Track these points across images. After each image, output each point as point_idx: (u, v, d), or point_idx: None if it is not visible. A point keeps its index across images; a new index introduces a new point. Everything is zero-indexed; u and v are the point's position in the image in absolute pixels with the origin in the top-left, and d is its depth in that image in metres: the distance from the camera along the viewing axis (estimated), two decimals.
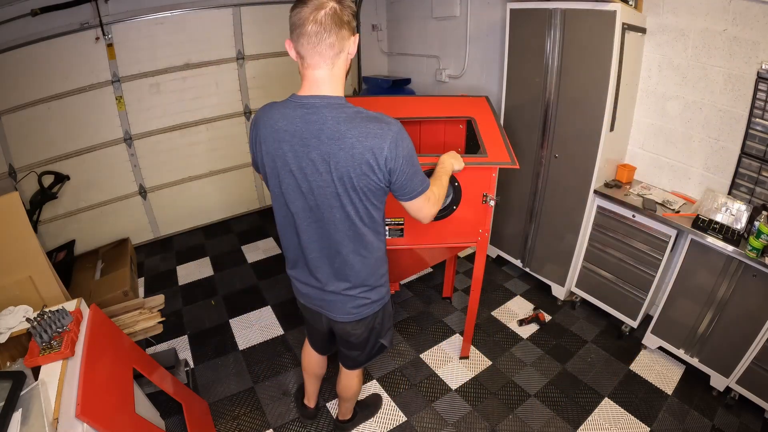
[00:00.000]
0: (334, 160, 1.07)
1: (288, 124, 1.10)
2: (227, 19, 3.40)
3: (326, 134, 1.06)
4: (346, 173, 1.08)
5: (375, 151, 1.05)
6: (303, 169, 1.12)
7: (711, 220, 2.03)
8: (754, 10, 1.86)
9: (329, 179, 1.10)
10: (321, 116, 1.07)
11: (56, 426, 1.12)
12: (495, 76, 3.14)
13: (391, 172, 1.10)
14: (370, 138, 1.05)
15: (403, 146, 1.09)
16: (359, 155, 1.06)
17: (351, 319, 1.40)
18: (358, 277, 1.31)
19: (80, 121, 3.09)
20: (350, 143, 1.05)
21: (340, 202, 1.14)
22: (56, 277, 2.12)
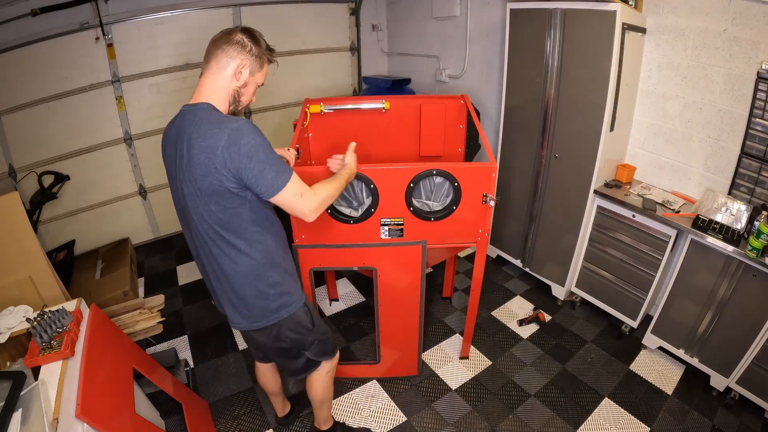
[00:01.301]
0: (186, 163, 1.14)
1: (168, 130, 1.25)
2: (227, 19, 3.40)
3: (184, 139, 1.15)
4: (192, 176, 1.14)
5: (210, 151, 1.10)
6: (175, 174, 1.21)
7: (711, 220, 2.03)
8: (754, 10, 1.86)
9: (186, 181, 1.16)
10: (184, 122, 1.18)
11: (56, 426, 1.12)
12: (495, 76, 3.14)
13: (235, 171, 1.11)
14: (207, 139, 1.10)
15: (243, 143, 1.10)
16: (196, 156, 1.11)
17: (243, 327, 1.38)
18: (234, 283, 1.29)
19: (80, 121, 3.09)
20: (195, 146, 1.12)
21: (194, 203, 1.18)
22: (56, 277, 2.12)
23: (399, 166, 1.68)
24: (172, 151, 1.21)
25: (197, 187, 1.14)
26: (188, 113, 1.19)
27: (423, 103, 2.37)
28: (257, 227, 1.26)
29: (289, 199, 1.20)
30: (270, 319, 1.36)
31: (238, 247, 1.24)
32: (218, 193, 1.14)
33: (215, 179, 1.12)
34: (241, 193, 1.17)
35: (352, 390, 2.23)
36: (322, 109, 2.30)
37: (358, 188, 1.73)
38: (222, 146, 1.09)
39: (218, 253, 1.25)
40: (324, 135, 2.42)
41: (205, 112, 1.17)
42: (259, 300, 1.33)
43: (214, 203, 1.16)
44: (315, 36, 3.87)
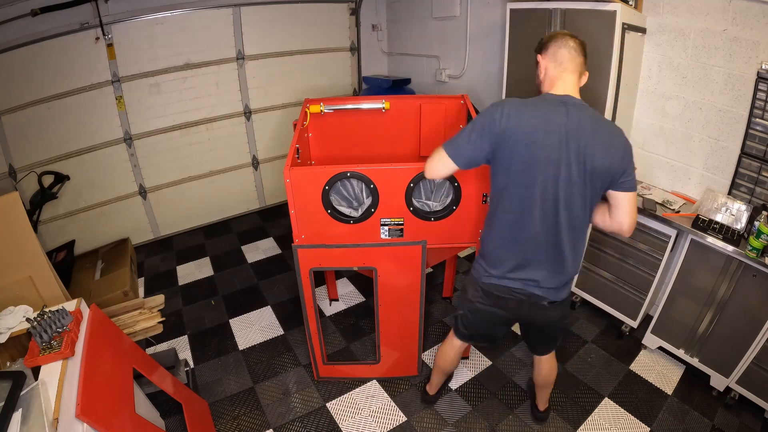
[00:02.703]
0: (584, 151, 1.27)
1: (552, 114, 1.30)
2: (227, 19, 3.40)
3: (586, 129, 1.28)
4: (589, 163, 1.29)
5: (618, 148, 1.32)
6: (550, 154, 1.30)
7: (711, 220, 2.03)
8: (754, 10, 1.86)
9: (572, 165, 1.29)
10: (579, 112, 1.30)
11: (56, 426, 1.12)
12: (495, 76, 3.14)
13: (622, 171, 1.33)
14: (615, 137, 1.33)
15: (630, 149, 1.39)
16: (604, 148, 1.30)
17: (561, 297, 1.53)
18: (577, 262, 1.49)
19: (80, 121, 3.10)
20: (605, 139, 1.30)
21: (573, 187, 1.31)
22: (56, 277, 2.12)
23: (399, 166, 1.68)
24: (559, 142, 1.27)
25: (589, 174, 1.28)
26: (577, 105, 1.31)
27: (423, 103, 2.37)
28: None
29: (634, 203, 1.36)
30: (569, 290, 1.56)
31: (585, 227, 1.42)
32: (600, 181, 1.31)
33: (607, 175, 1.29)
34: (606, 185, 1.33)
35: (352, 390, 2.23)
36: (322, 109, 2.30)
37: (358, 188, 1.73)
38: (624, 146, 1.29)
39: (579, 239, 1.42)
40: (324, 135, 2.42)
41: (592, 109, 1.33)
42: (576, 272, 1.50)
43: (590, 188, 1.30)
44: (315, 36, 3.87)
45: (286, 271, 3.24)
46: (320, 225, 1.77)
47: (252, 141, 3.89)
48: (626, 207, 1.34)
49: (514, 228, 1.41)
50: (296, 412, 2.11)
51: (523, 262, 1.44)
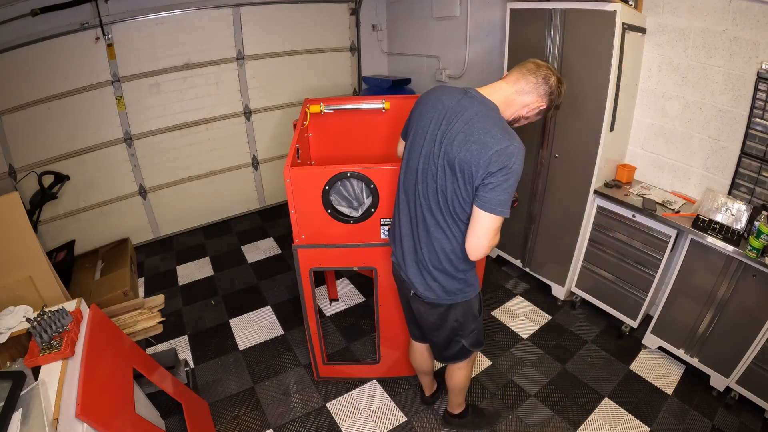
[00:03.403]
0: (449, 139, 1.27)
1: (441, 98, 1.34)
2: (227, 19, 3.40)
3: (462, 118, 1.26)
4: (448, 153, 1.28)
5: (483, 148, 1.21)
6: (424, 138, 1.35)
7: (711, 220, 2.03)
8: (754, 10, 1.86)
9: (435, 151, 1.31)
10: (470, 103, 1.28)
11: (56, 426, 1.12)
12: (495, 76, 3.12)
13: (484, 179, 1.23)
14: (486, 136, 1.22)
15: (512, 164, 1.24)
16: (466, 142, 1.24)
17: (427, 298, 1.47)
18: (437, 255, 1.40)
19: (80, 121, 3.10)
20: (473, 133, 1.23)
21: (432, 174, 1.32)
22: (56, 277, 2.12)
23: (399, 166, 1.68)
24: (433, 117, 1.29)
25: (443, 164, 1.25)
26: (477, 99, 1.27)
27: None
28: (466, 221, 1.32)
29: (481, 224, 1.24)
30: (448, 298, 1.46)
31: (451, 226, 1.33)
32: (456, 179, 1.24)
33: (465, 171, 1.21)
34: (468, 193, 1.25)
35: (352, 390, 2.23)
36: (322, 109, 2.30)
37: (358, 188, 1.73)
38: (494, 152, 1.16)
39: (432, 224, 1.35)
40: (324, 135, 2.42)
41: (494, 110, 1.27)
42: (448, 278, 1.42)
43: (447, 178, 1.25)
44: (315, 36, 3.87)
45: (286, 271, 3.24)
46: (320, 225, 1.77)
47: (252, 141, 3.89)
48: (473, 222, 1.25)
49: (396, 193, 1.49)
50: (296, 412, 2.11)
51: (395, 235, 1.52)
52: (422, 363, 1.90)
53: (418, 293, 1.48)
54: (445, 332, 1.57)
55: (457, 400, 1.91)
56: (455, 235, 1.34)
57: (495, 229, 1.25)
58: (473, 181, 1.20)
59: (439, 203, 1.30)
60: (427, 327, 1.61)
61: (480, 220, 1.23)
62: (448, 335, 1.58)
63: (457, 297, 1.46)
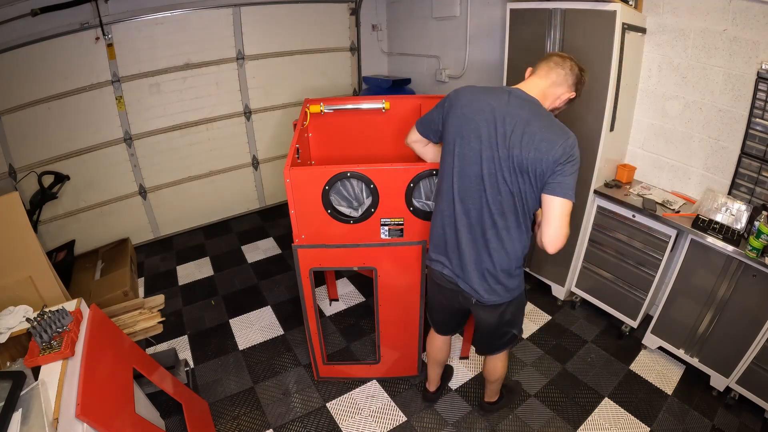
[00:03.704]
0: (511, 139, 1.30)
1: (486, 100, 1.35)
2: (227, 19, 3.40)
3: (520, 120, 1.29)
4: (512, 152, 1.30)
5: (549, 144, 1.27)
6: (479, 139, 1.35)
7: (711, 220, 2.03)
8: (754, 10, 1.86)
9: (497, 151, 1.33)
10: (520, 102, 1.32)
11: (56, 426, 1.12)
12: (495, 76, 3.14)
13: (551, 173, 1.29)
14: (548, 133, 1.27)
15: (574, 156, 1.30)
16: (530, 141, 1.28)
17: (484, 300, 1.50)
18: (503, 257, 1.43)
19: (80, 121, 3.10)
20: (536, 132, 1.26)
21: (497, 173, 1.34)
22: (56, 277, 2.12)
23: (399, 166, 1.68)
24: (484, 121, 1.30)
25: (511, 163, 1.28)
26: (525, 99, 1.31)
27: (423, 103, 2.37)
28: (528, 217, 1.39)
29: (557, 211, 1.27)
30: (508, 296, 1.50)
31: (524, 225, 1.38)
32: (529, 178, 1.28)
33: (537, 169, 1.25)
34: (539, 188, 1.29)
35: (352, 390, 2.23)
36: (322, 109, 2.30)
37: (358, 188, 1.73)
38: (560, 146, 1.22)
39: (505, 228, 1.37)
40: (324, 135, 2.42)
41: (542, 107, 1.32)
42: (511, 278, 1.46)
43: (517, 177, 1.28)
44: (315, 36, 3.87)
45: (286, 271, 3.24)
46: (320, 225, 1.77)
47: (252, 141, 3.89)
48: (548, 213, 1.28)
49: (441, 202, 1.46)
50: (296, 412, 2.11)
51: (446, 244, 1.50)
52: (441, 354, 1.95)
53: (482, 300, 1.49)
54: (501, 328, 1.62)
55: (497, 388, 2.00)
56: (526, 232, 1.41)
57: (569, 215, 1.29)
58: (544, 176, 1.26)
59: (515, 205, 1.33)
60: (488, 329, 1.64)
61: (555, 207, 1.27)
62: (503, 330, 1.63)
63: (515, 292, 1.51)
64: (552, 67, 1.36)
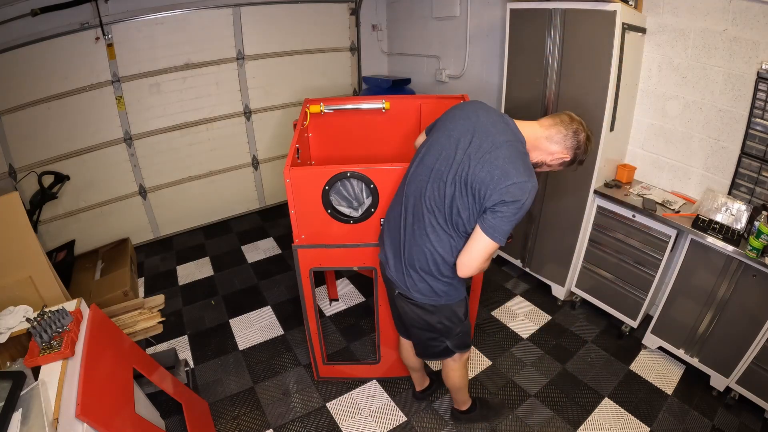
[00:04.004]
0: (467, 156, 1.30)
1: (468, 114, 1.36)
2: (227, 19, 3.40)
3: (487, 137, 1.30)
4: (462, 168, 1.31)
5: (493, 171, 1.25)
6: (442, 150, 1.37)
7: (711, 220, 2.03)
8: (754, 10, 1.86)
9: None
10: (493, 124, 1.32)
11: (56, 426, 1.12)
12: (495, 76, 3.14)
13: (486, 200, 1.27)
14: (500, 160, 1.26)
15: (513, 194, 1.26)
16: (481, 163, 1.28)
17: (410, 296, 1.49)
18: (426, 258, 1.42)
19: (80, 121, 3.10)
20: (492, 154, 1.26)
21: (437, 182, 1.37)
22: (56, 277, 2.12)
23: (399, 166, 1.68)
24: (465, 126, 1.32)
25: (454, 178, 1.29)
26: (512, 129, 1.32)
27: (423, 103, 2.37)
28: (465, 236, 1.35)
29: (479, 246, 1.28)
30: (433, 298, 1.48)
31: (451, 235, 1.35)
32: (466, 195, 1.27)
33: (479, 191, 1.24)
34: (474, 211, 1.28)
35: (352, 390, 2.23)
36: (322, 109, 2.30)
37: (358, 188, 1.73)
38: (512, 183, 1.20)
39: (429, 226, 1.36)
40: (324, 135, 2.42)
41: (523, 145, 1.31)
42: (434, 280, 1.43)
43: (459, 196, 1.28)
44: (315, 36, 3.87)
45: (286, 271, 3.24)
46: (320, 225, 1.77)
47: (252, 141, 3.89)
48: (471, 242, 1.29)
49: (398, 192, 1.51)
50: (296, 412, 2.11)
51: (385, 228, 1.56)
52: (409, 359, 1.92)
53: (403, 292, 1.50)
54: (429, 332, 1.59)
55: (460, 398, 1.94)
56: (451, 245, 1.36)
57: (489, 254, 1.29)
58: (483, 202, 1.23)
59: (444, 210, 1.32)
60: (411, 325, 1.62)
61: (479, 241, 1.27)
62: (431, 335, 1.60)
63: (441, 299, 1.48)
64: (556, 123, 1.35)
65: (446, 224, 1.34)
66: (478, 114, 1.33)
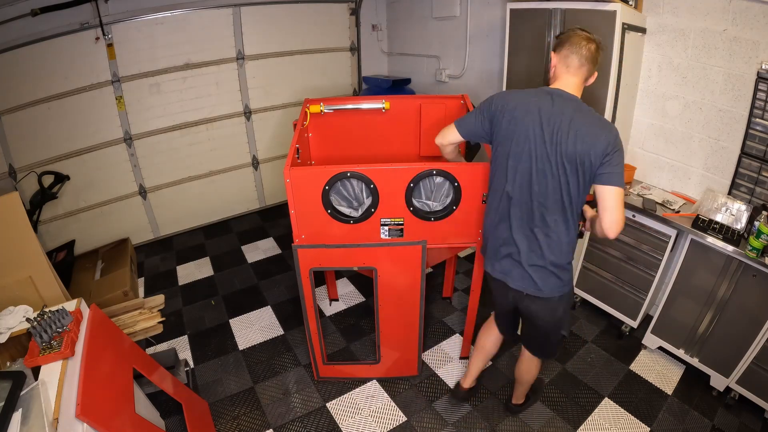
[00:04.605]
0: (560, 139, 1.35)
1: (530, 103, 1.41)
2: (227, 19, 3.40)
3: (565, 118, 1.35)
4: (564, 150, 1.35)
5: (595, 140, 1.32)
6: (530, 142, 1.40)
7: (711, 220, 2.03)
8: (754, 10, 1.86)
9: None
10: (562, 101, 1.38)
11: (56, 426, 1.12)
12: (495, 76, 3.14)
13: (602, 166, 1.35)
14: (593, 128, 1.33)
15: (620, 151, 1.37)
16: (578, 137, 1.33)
17: (540, 294, 1.53)
18: (555, 250, 1.47)
19: (80, 121, 3.10)
20: (581, 129, 1.33)
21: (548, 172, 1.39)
22: (56, 277, 2.12)
23: (399, 166, 1.68)
24: (533, 121, 1.38)
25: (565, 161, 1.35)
26: (567, 98, 1.39)
27: (423, 103, 2.37)
28: (575, 212, 1.44)
29: (612, 199, 1.34)
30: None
31: (570, 219, 1.43)
32: (576, 171, 1.35)
33: (585, 161, 1.32)
34: (585, 183, 1.37)
35: (352, 390, 2.23)
36: (322, 109, 2.30)
37: (358, 188, 1.73)
38: (605, 137, 1.30)
39: (553, 222, 1.42)
40: (324, 135, 2.42)
41: (581, 103, 1.39)
42: (562, 270, 1.50)
43: (566, 172, 1.35)
44: (315, 36, 3.87)
45: (286, 271, 3.24)
46: (320, 225, 1.77)
47: (252, 141, 3.89)
48: (605, 202, 1.34)
49: (494, 200, 1.55)
50: (296, 412, 2.11)
51: (499, 242, 1.56)
52: (492, 351, 1.99)
53: (532, 293, 1.53)
54: (552, 325, 1.64)
55: (526, 389, 2.02)
56: (573, 227, 1.45)
57: (623, 201, 1.35)
58: (592, 168, 1.33)
59: (562, 199, 1.39)
60: (540, 324, 1.65)
61: (610, 196, 1.33)
62: (554, 328, 1.65)
63: (566, 288, 1.54)
64: (583, 63, 1.41)
65: (568, 213, 1.42)
66: (533, 103, 1.39)
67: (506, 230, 1.51)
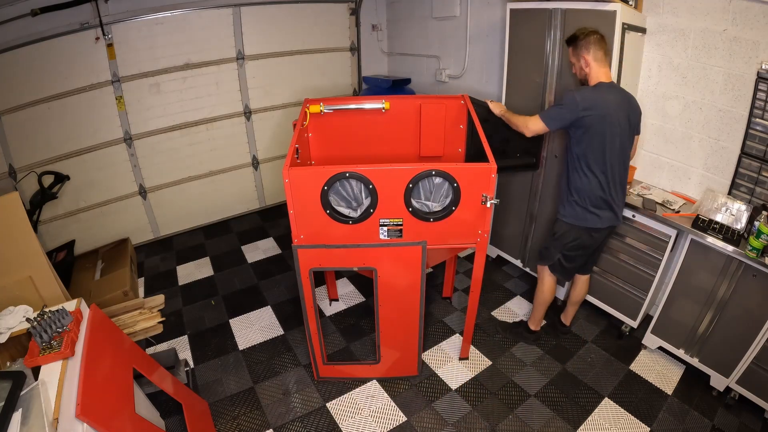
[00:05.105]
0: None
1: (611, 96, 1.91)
2: (227, 19, 3.40)
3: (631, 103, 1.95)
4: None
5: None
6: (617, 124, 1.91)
7: (711, 220, 2.03)
8: (754, 10, 1.86)
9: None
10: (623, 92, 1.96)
11: (56, 426, 1.12)
12: (495, 76, 3.14)
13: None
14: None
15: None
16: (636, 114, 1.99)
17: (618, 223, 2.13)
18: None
19: (80, 121, 3.10)
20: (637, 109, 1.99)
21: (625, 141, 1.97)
22: (56, 277, 2.12)
23: (398, 167, 1.68)
24: (619, 113, 1.89)
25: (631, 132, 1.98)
26: (620, 87, 1.97)
27: (423, 103, 2.37)
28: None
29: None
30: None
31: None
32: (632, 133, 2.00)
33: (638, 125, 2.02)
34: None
35: (352, 390, 2.23)
36: (322, 109, 2.30)
37: (357, 188, 1.73)
38: (639, 106, 1.99)
39: (624, 171, 2.02)
40: (324, 135, 2.42)
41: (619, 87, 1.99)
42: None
43: (631, 135, 1.98)
44: (315, 36, 3.87)
45: (286, 271, 3.24)
46: (319, 225, 1.77)
47: (252, 141, 3.89)
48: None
49: (596, 169, 1.94)
50: (296, 412, 2.11)
51: (610, 200, 1.99)
52: (581, 293, 2.41)
53: (616, 223, 2.09)
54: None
55: (576, 309, 2.53)
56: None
57: None
58: (638, 127, 2.01)
59: (625, 152, 1.98)
60: (604, 244, 2.31)
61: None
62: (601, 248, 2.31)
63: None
64: (606, 54, 1.91)
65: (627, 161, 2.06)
66: (614, 100, 1.87)
67: (608, 188, 1.96)
